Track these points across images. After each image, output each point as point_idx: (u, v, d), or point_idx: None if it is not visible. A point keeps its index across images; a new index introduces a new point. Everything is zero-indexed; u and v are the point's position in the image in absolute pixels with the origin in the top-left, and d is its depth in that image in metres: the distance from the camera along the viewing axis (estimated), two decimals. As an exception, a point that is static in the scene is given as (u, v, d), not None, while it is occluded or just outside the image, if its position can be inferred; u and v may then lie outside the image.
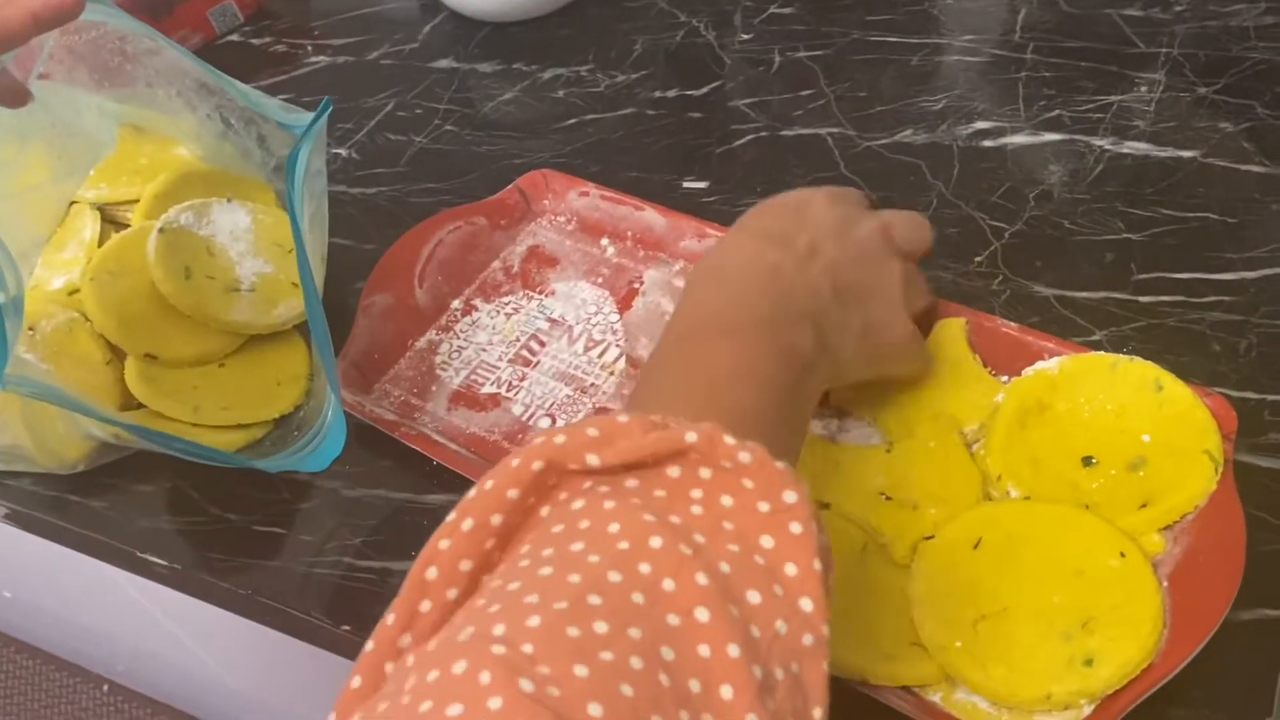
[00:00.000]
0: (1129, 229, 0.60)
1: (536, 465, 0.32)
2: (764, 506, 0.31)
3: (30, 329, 0.55)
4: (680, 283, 0.61)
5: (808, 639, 0.30)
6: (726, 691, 0.27)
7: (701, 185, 0.68)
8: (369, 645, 0.30)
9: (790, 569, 0.30)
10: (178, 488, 0.57)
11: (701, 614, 0.28)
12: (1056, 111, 0.68)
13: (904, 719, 0.43)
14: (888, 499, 0.49)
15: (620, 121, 0.74)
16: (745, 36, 0.79)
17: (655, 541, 0.29)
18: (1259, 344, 0.54)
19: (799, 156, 0.68)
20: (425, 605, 0.30)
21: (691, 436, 0.32)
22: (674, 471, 0.32)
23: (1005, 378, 0.52)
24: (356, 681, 0.29)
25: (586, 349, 0.60)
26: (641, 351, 0.59)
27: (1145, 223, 0.61)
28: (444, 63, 0.82)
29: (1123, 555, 0.44)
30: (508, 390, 0.58)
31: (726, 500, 0.32)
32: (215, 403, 0.56)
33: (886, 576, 0.46)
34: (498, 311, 0.63)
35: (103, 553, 0.57)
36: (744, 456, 0.32)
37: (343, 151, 0.75)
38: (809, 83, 0.73)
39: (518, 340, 0.61)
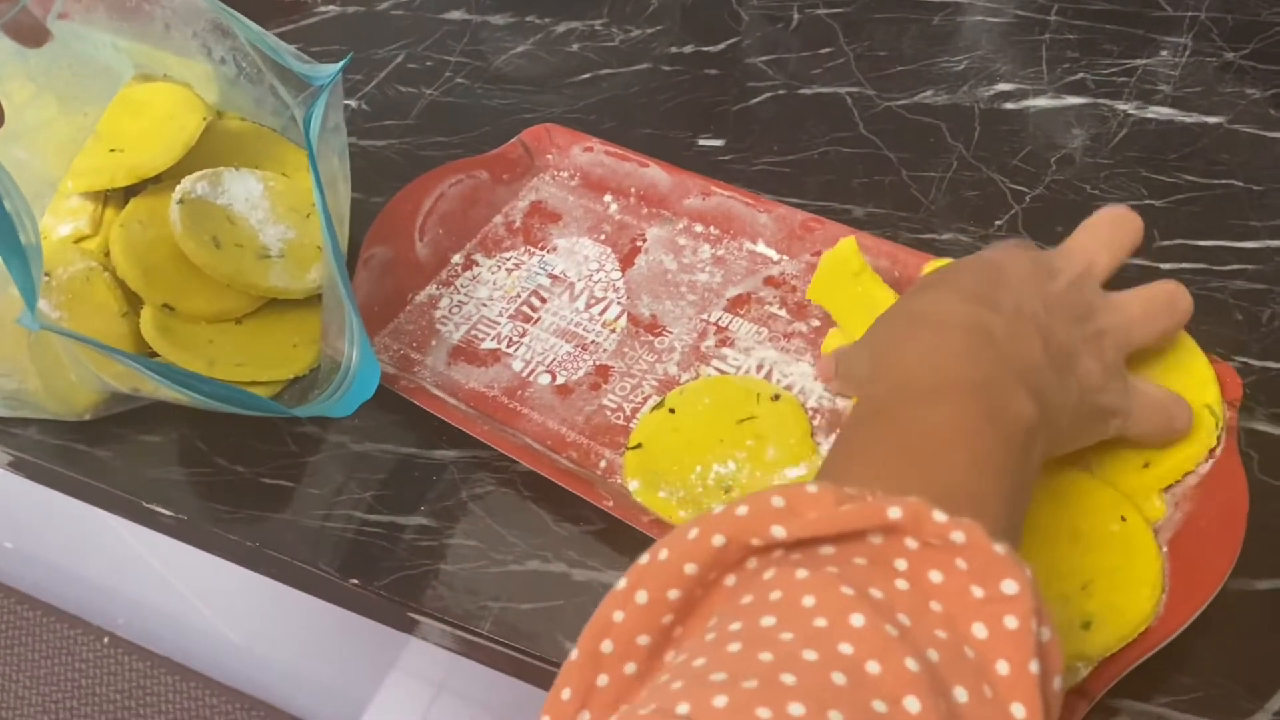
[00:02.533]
0: (1151, 195, 0.59)
1: (717, 540, 0.29)
2: (978, 592, 0.28)
3: (47, 275, 0.54)
4: (684, 240, 0.61)
5: None
6: None
7: (717, 143, 0.67)
8: None
9: (1003, 667, 0.27)
10: (185, 438, 0.57)
11: (912, 704, 0.25)
12: (1080, 74, 0.67)
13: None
14: None
15: (635, 77, 0.73)
16: (763, -7, 0.77)
17: (857, 620, 0.27)
18: (1282, 313, 0.53)
19: (817, 116, 0.67)
20: (602, 680, 0.29)
21: (895, 512, 0.28)
22: (876, 539, 0.29)
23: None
24: None
25: (588, 306, 0.59)
26: (643, 309, 0.58)
27: (1168, 189, 0.60)
28: (456, 14, 0.80)
29: (1123, 519, 0.44)
30: (508, 346, 0.58)
31: (935, 576, 0.28)
32: (230, 358, 0.56)
33: None
34: (499, 267, 0.62)
35: (108, 502, 0.57)
36: (957, 536, 0.28)
37: (352, 103, 0.74)
38: (828, 41, 0.72)
39: (518, 296, 0.60)
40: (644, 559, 0.30)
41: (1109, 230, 0.45)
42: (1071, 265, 0.44)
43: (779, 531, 0.29)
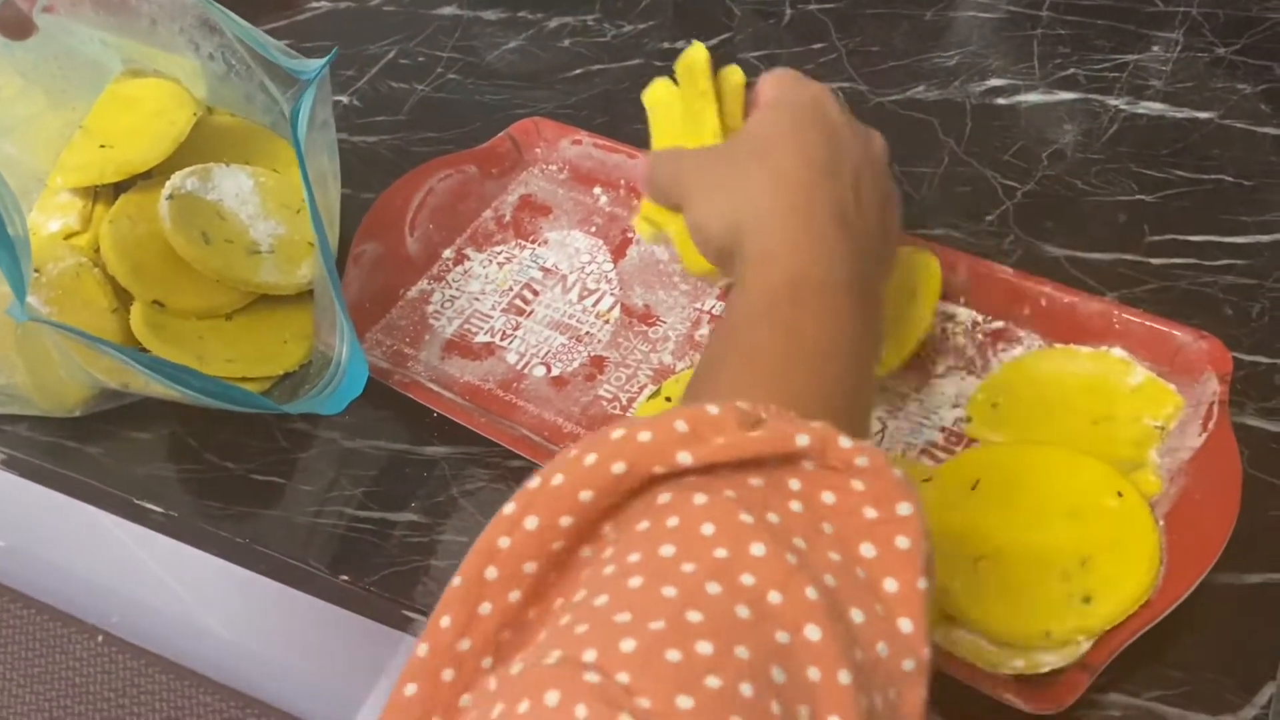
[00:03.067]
0: (1142, 190, 0.60)
1: (617, 468, 0.28)
2: (871, 513, 0.29)
3: (36, 271, 0.54)
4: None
5: (908, 664, 0.27)
6: None
7: (709, 139, 0.67)
8: (422, 649, 0.27)
9: (890, 585, 0.28)
10: (176, 435, 0.56)
11: (812, 632, 0.26)
12: (1071, 70, 0.67)
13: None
14: None
15: (626, 73, 0.72)
16: (755, -12, 0.77)
17: (758, 550, 0.27)
18: (1271, 308, 0.53)
19: (808, 111, 0.67)
20: (485, 608, 0.28)
21: (804, 439, 0.29)
22: (774, 462, 0.29)
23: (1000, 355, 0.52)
24: (411, 689, 0.27)
25: (581, 297, 0.59)
26: (635, 300, 0.58)
27: (1159, 184, 0.60)
28: (448, 10, 0.80)
29: (1120, 495, 0.44)
30: (502, 339, 0.58)
31: (828, 497, 0.29)
32: (220, 354, 0.56)
33: None
34: (490, 260, 0.62)
35: (99, 499, 0.57)
36: (861, 461, 0.29)
37: (344, 99, 0.74)
38: (820, 36, 0.72)
39: (511, 289, 0.60)
40: (534, 483, 0.29)
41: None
42: (871, 132, 0.46)
43: (685, 458, 0.28)
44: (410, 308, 0.60)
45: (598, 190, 0.64)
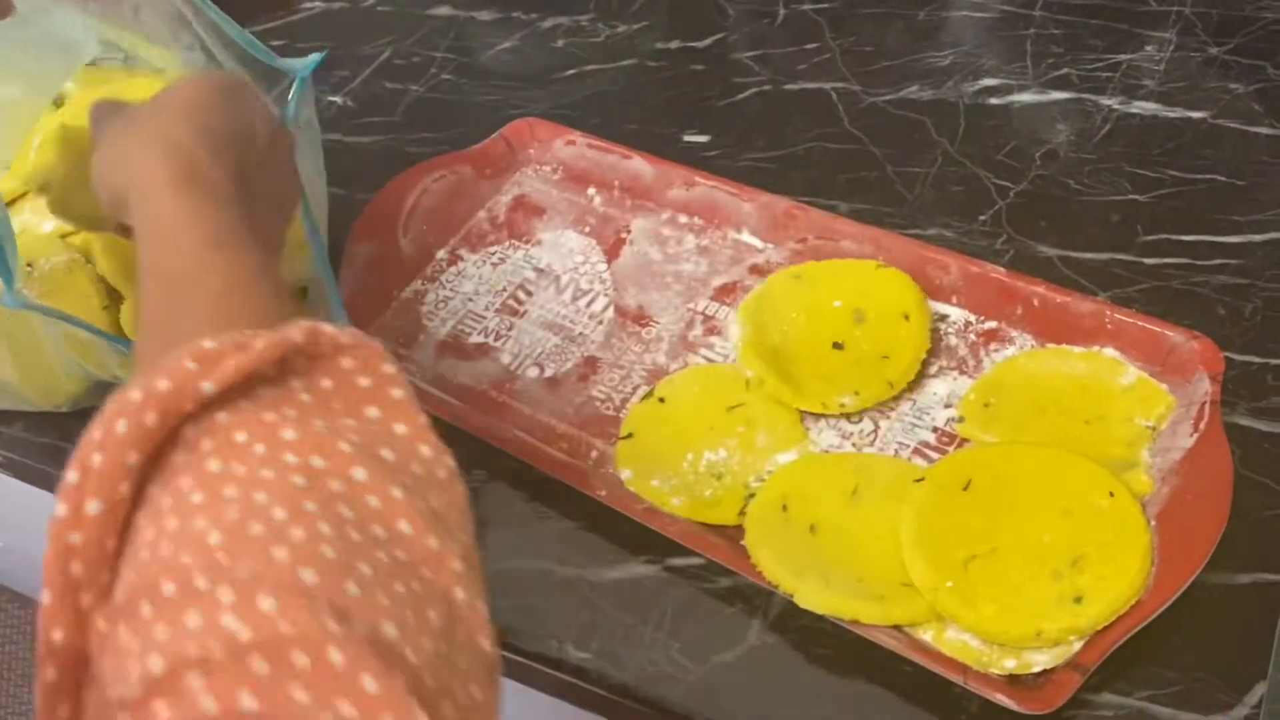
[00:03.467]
0: (1135, 190, 0.60)
1: (150, 419, 0.30)
2: (365, 381, 0.33)
3: (29, 265, 0.54)
4: (668, 231, 0.61)
5: (441, 473, 0.33)
6: (405, 526, 0.30)
7: (703, 139, 0.67)
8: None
9: (400, 428, 0.33)
10: (169, 436, 0.56)
11: (359, 473, 0.30)
12: (1065, 70, 0.67)
13: (896, 657, 0.43)
14: None
15: (621, 73, 0.73)
16: (749, -12, 0.77)
17: (289, 434, 0.30)
18: (1264, 308, 0.53)
19: (802, 111, 0.67)
20: (76, 568, 0.29)
21: (297, 335, 0.32)
22: (271, 370, 0.33)
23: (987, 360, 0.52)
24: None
25: (574, 298, 0.59)
26: (629, 300, 0.58)
27: (1152, 184, 0.60)
28: (442, 10, 0.80)
29: (1111, 495, 0.44)
30: (495, 340, 0.58)
31: (326, 383, 0.33)
32: None
33: (878, 518, 0.46)
34: (484, 261, 0.62)
35: (93, 501, 0.57)
36: (345, 339, 0.33)
37: (338, 99, 0.74)
38: (814, 36, 0.72)
39: (504, 290, 0.60)
40: (71, 476, 0.29)
41: None
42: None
43: (209, 387, 0.31)
44: (404, 308, 0.60)
45: (591, 191, 0.64)
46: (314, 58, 0.51)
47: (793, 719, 0.43)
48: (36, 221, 0.58)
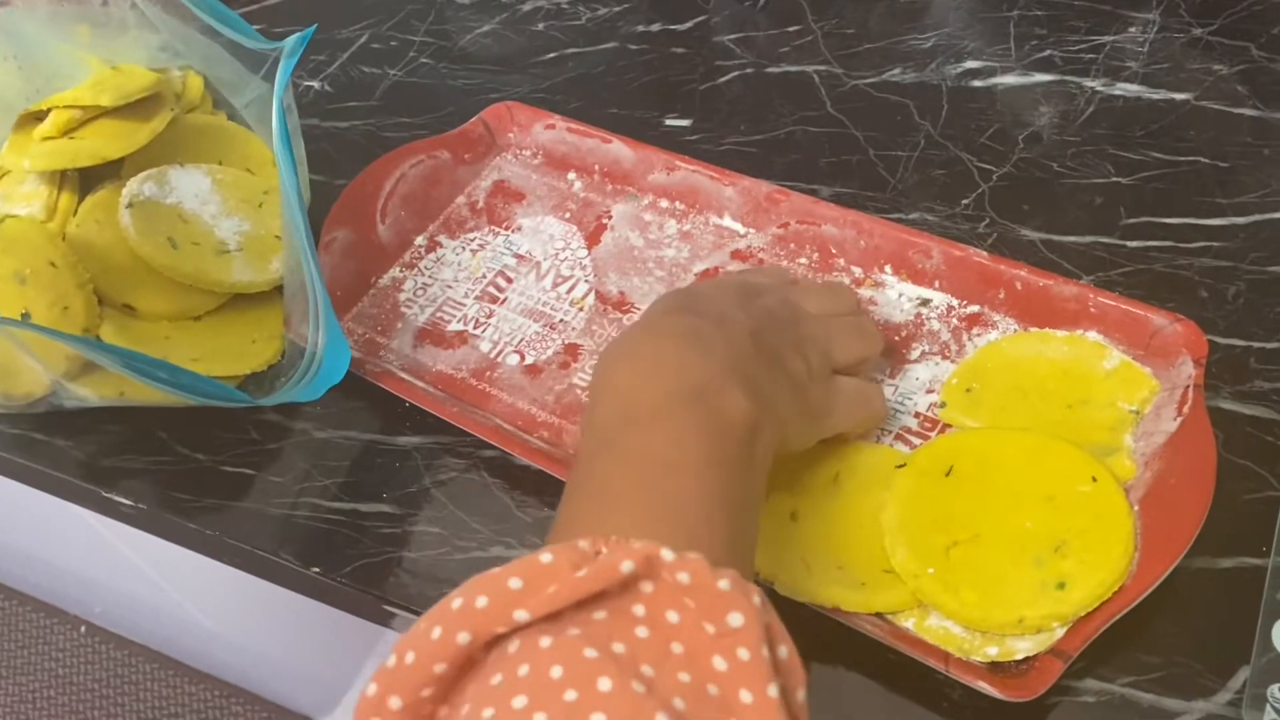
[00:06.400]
0: (1118, 172, 0.59)
1: (462, 639, 0.29)
2: (710, 628, 0.29)
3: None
4: (650, 216, 0.60)
5: None
6: None
7: (684, 123, 0.66)
8: None
9: (746, 696, 0.28)
10: (145, 427, 0.56)
11: None
12: (1048, 52, 0.66)
13: (877, 645, 0.42)
14: None
15: (601, 56, 0.72)
16: (731, -30, 0.76)
17: (604, 684, 0.27)
18: (1247, 291, 0.53)
19: (785, 94, 0.67)
20: None
21: (628, 566, 0.29)
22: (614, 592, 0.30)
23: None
24: None
25: (555, 285, 0.58)
26: (610, 286, 0.58)
27: (1135, 166, 0.59)
28: (421, -6, 0.79)
29: (1094, 480, 0.44)
30: (475, 327, 0.57)
31: (673, 616, 0.29)
32: (184, 354, 0.55)
33: (859, 504, 0.46)
34: (463, 248, 0.61)
35: (68, 492, 0.56)
36: (683, 577, 0.29)
37: (315, 84, 0.73)
38: (796, 19, 0.72)
39: (484, 277, 0.59)
40: (390, 661, 0.29)
41: (821, 292, 0.49)
42: (773, 279, 0.48)
43: (522, 615, 0.29)
44: (382, 296, 0.59)
45: (572, 175, 0.63)
46: (305, 33, 0.50)
47: (774, 708, 0.43)
48: (7, 210, 0.57)
